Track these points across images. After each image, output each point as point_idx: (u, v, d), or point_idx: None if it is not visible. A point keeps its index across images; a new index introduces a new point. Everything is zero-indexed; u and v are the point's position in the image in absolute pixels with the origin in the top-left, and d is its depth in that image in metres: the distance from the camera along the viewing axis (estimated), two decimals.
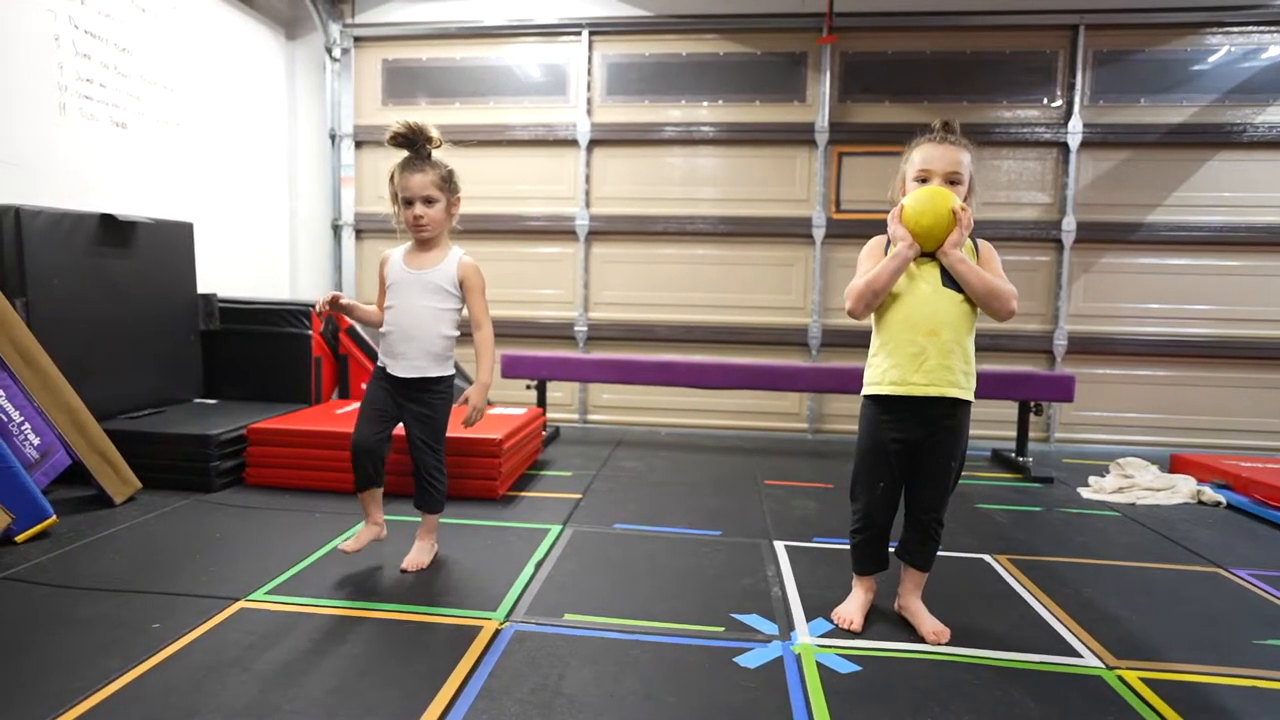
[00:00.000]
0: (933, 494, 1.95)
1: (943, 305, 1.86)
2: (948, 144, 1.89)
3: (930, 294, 1.87)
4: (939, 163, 1.88)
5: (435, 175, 2.19)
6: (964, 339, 1.88)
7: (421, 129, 2.17)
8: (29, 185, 3.16)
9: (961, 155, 1.89)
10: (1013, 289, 1.85)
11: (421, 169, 2.18)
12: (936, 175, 1.88)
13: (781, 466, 3.88)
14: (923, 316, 1.86)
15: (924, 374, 1.86)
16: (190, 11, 4.12)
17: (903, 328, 1.88)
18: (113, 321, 3.29)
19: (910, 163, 1.95)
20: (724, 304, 4.90)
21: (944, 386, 1.86)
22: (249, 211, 4.67)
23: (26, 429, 2.68)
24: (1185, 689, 1.74)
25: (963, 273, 1.83)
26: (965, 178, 1.89)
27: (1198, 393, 4.59)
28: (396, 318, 2.24)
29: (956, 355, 1.86)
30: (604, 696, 1.63)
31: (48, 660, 1.71)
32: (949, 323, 1.85)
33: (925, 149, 1.91)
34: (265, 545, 2.48)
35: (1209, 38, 4.45)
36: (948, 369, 1.85)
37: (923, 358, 1.85)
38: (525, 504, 3.07)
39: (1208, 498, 3.36)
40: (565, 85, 4.94)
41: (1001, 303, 1.84)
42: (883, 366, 1.93)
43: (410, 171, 2.17)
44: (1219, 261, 4.53)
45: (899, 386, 1.89)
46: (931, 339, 1.85)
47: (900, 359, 1.88)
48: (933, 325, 1.85)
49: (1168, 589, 2.36)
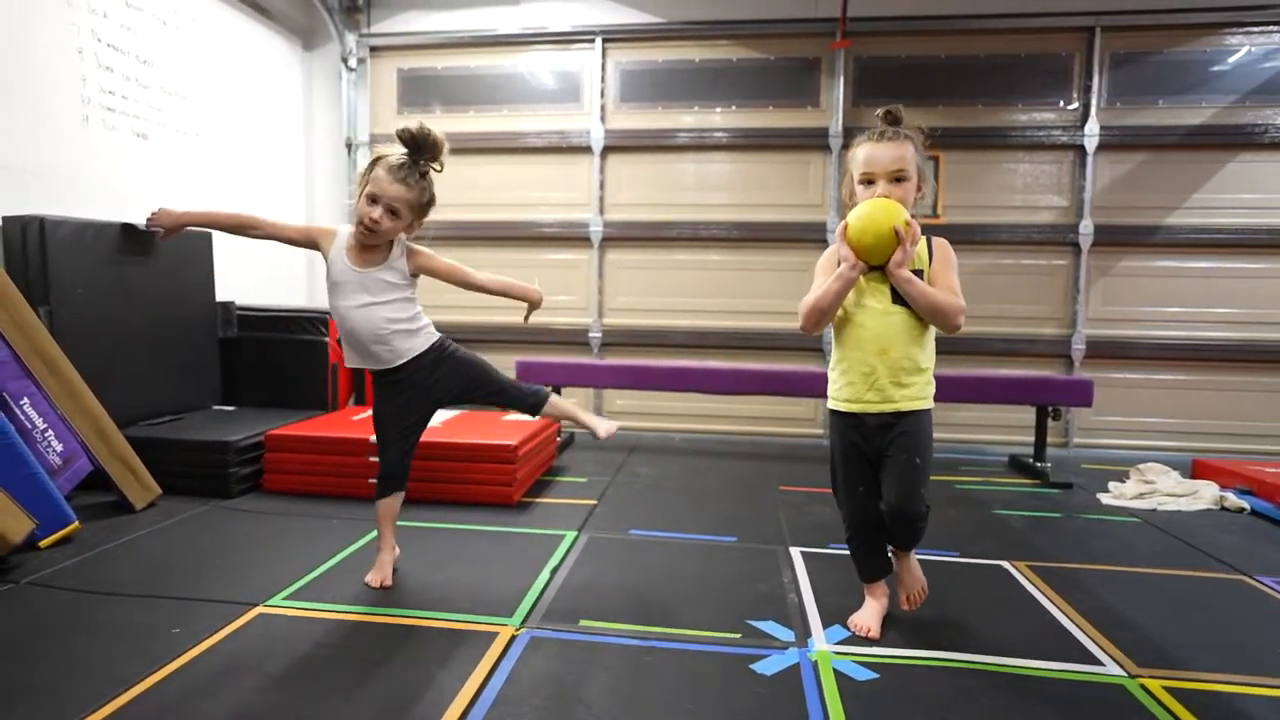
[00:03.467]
0: (900, 494, 1.89)
1: (894, 323, 1.86)
2: (887, 140, 1.86)
3: (879, 313, 1.87)
4: (880, 163, 1.85)
5: (415, 195, 2.06)
6: (916, 353, 1.88)
7: (433, 144, 2.05)
8: (53, 196, 3.21)
9: (904, 150, 1.85)
10: (960, 303, 1.84)
11: (407, 183, 2.04)
12: (880, 176, 1.86)
13: (797, 472, 3.86)
14: (872, 336, 1.87)
15: (876, 391, 1.88)
16: (210, 24, 4.19)
17: (854, 347, 1.90)
18: (133, 329, 3.34)
19: (854, 162, 1.91)
20: (738, 309, 4.90)
21: (896, 402, 1.88)
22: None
23: (50, 435, 2.72)
24: (1210, 698, 1.71)
25: (909, 292, 1.82)
26: (911, 173, 1.86)
27: (1220, 397, 4.52)
28: (345, 324, 2.13)
29: (907, 370, 1.87)
30: (620, 703, 1.62)
31: (70, 664, 1.73)
32: (900, 340, 1.86)
33: (867, 147, 1.88)
34: (283, 551, 2.50)
35: (1229, 38, 4.40)
36: (898, 385, 1.87)
37: (873, 376, 1.88)
38: (540, 510, 3.07)
39: (1231, 504, 3.31)
40: (579, 92, 4.96)
41: (948, 319, 1.83)
42: (839, 384, 1.96)
43: (394, 179, 2.03)
44: (1240, 264, 4.47)
45: (853, 404, 1.92)
46: (881, 358, 1.87)
47: (853, 377, 1.91)
48: (882, 345, 1.86)
49: (1191, 596, 2.33)
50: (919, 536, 2.00)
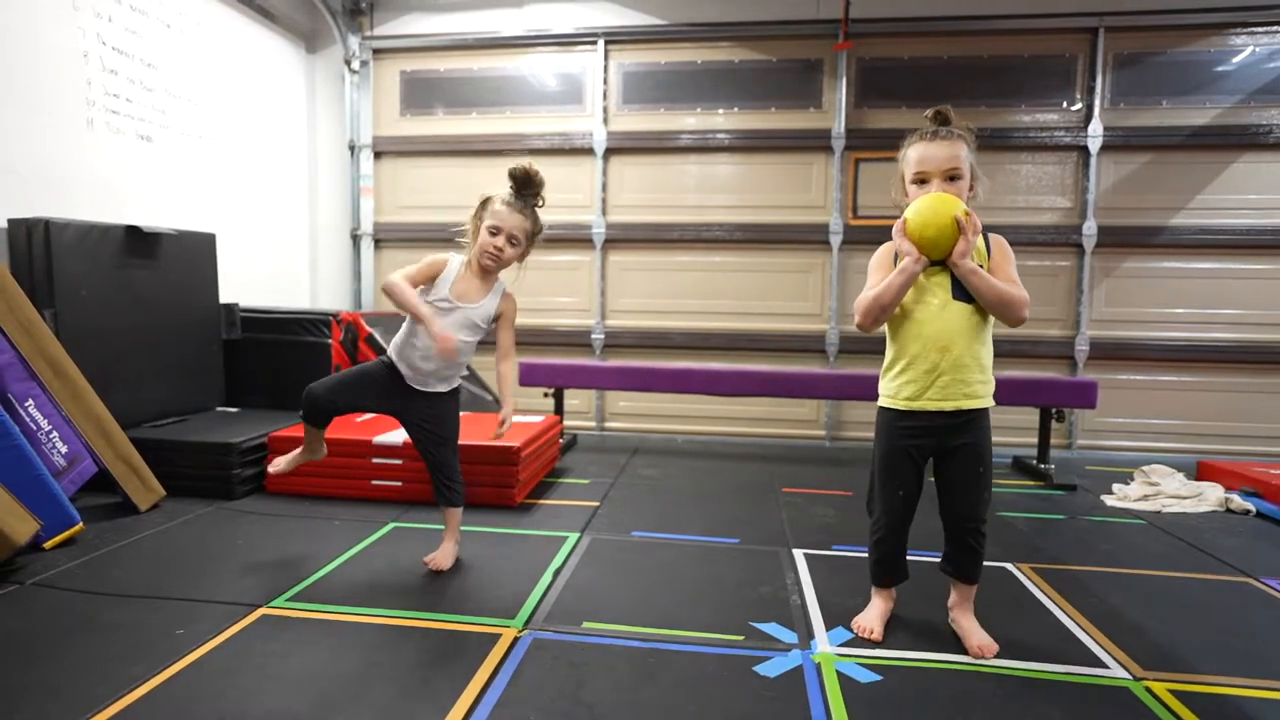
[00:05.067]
0: (964, 502, 1.89)
1: (954, 319, 1.82)
2: (940, 139, 1.84)
3: (941, 308, 1.83)
4: (935, 161, 1.84)
5: (531, 224, 2.27)
6: (978, 349, 1.84)
7: (539, 181, 2.24)
8: (58, 198, 3.22)
9: (958, 149, 1.83)
10: (1025, 295, 1.80)
11: (524, 212, 2.24)
12: (934, 175, 1.84)
13: (799, 474, 3.86)
14: (935, 332, 1.82)
15: (939, 389, 1.83)
16: (213, 27, 4.20)
17: (915, 343, 1.85)
18: (138, 331, 3.34)
19: (906, 162, 1.90)
20: (741, 311, 4.90)
21: (960, 400, 1.83)
22: (270, 222, 4.73)
23: (55, 437, 2.73)
24: (1216, 701, 1.70)
25: (975, 284, 1.78)
26: (965, 172, 1.84)
27: (1224, 398, 4.51)
28: (427, 342, 2.23)
29: (971, 368, 1.83)
30: (624, 705, 1.62)
31: (74, 665, 1.73)
32: (962, 336, 1.82)
33: (919, 147, 1.87)
34: (286, 552, 2.50)
35: (1233, 38, 4.39)
36: (963, 382, 1.83)
37: (936, 373, 1.83)
38: (543, 511, 3.07)
39: (1236, 505, 3.29)
40: (581, 94, 4.97)
41: (1014, 311, 1.79)
42: (897, 382, 1.90)
43: (513, 210, 2.23)
44: (1245, 265, 4.46)
45: (914, 402, 1.87)
46: (945, 355, 1.82)
47: (914, 375, 1.86)
48: (945, 341, 1.82)
49: (1196, 599, 2.32)
50: (979, 559, 1.92)
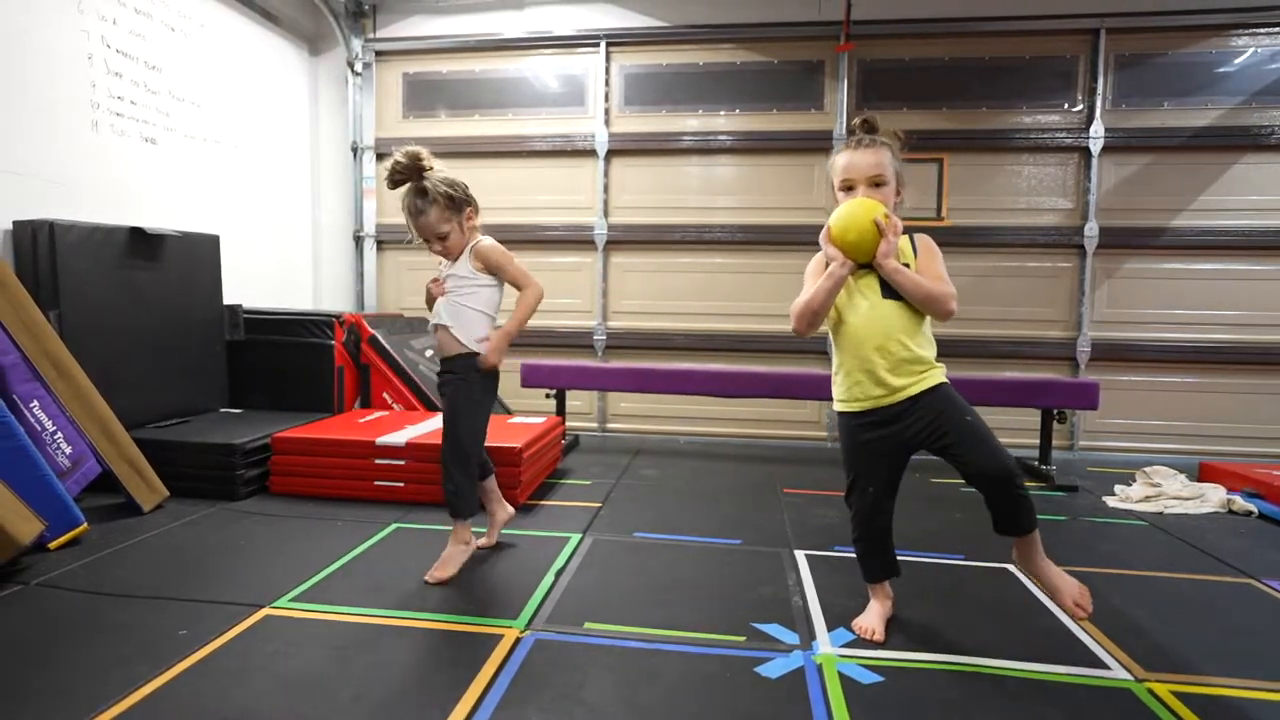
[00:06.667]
0: (976, 454, 1.80)
1: (886, 317, 1.87)
2: (864, 147, 1.90)
3: (871, 309, 1.88)
4: (859, 169, 1.89)
5: (439, 209, 2.19)
6: (914, 340, 1.88)
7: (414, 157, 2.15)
8: (62, 200, 3.24)
9: (882, 156, 1.89)
10: (950, 290, 1.85)
11: (424, 210, 2.16)
12: (859, 181, 1.90)
13: (801, 475, 3.86)
14: (868, 333, 1.88)
15: (882, 387, 1.88)
16: (217, 30, 4.22)
17: (852, 345, 1.91)
18: (141, 332, 3.36)
19: (834, 170, 1.96)
20: (742, 312, 4.90)
21: (907, 390, 1.87)
22: (273, 223, 4.75)
23: (59, 438, 2.74)
24: (1218, 703, 1.70)
25: (900, 282, 1.84)
26: (890, 177, 1.89)
27: (1226, 399, 4.51)
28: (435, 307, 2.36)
29: (910, 361, 1.87)
30: (625, 706, 1.63)
31: (78, 665, 1.74)
32: (895, 332, 1.86)
33: (845, 155, 1.92)
34: (289, 553, 2.51)
35: (1234, 39, 4.39)
36: (904, 374, 1.87)
37: (877, 372, 1.88)
38: (545, 512, 3.08)
39: (1238, 507, 3.29)
40: (583, 96, 4.98)
41: (940, 305, 1.83)
42: (844, 385, 1.96)
43: (415, 215, 2.16)
44: (1246, 266, 4.46)
45: (862, 402, 1.92)
46: (880, 352, 1.87)
47: (858, 376, 1.91)
48: (879, 340, 1.87)
49: (1198, 600, 2.32)
50: (1026, 506, 1.80)
